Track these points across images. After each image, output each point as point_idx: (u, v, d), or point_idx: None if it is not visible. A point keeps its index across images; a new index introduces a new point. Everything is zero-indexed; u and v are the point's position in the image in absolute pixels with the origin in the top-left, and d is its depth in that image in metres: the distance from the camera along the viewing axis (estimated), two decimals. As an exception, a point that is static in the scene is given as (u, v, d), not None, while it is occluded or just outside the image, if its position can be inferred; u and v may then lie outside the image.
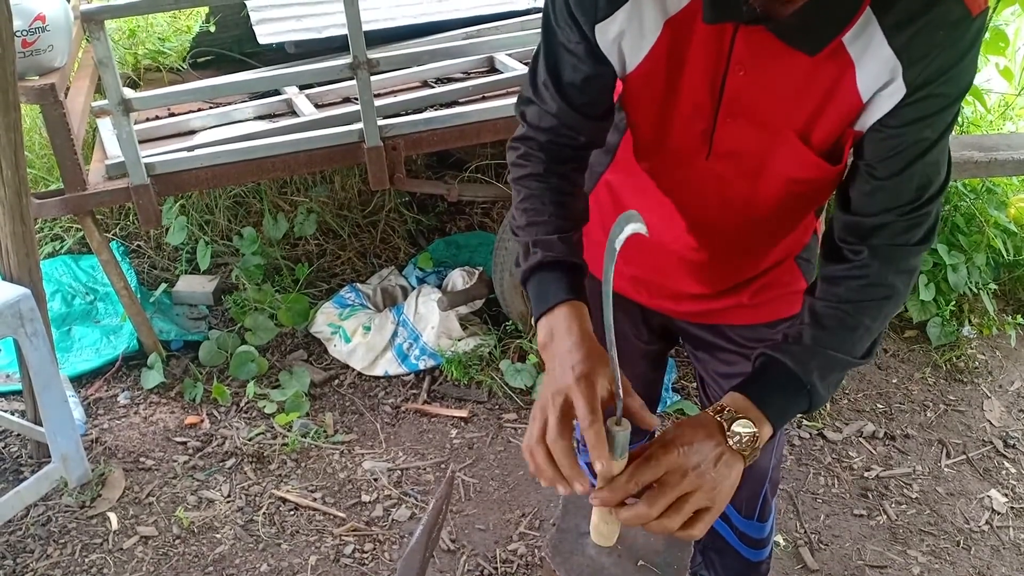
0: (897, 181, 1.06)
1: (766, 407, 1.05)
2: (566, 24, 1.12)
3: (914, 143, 1.04)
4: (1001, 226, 3.22)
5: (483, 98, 2.96)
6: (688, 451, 1.00)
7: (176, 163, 2.58)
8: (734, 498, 1.09)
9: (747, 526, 1.69)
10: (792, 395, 1.07)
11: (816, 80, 1.03)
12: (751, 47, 1.03)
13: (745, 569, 1.78)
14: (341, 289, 3.19)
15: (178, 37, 3.70)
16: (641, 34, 1.07)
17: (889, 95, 1.01)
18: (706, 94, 1.09)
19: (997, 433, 2.75)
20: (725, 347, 1.49)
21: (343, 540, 2.29)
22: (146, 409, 2.75)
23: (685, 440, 1.00)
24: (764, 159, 1.13)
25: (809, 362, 1.07)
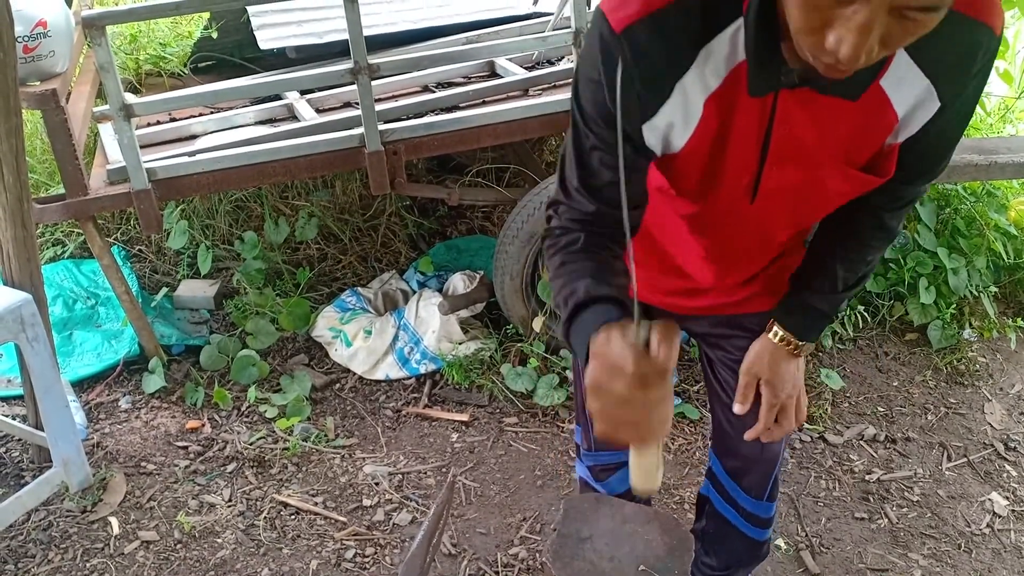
0: (917, 169, 1.20)
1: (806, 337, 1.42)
2: (600, 128, 1.11)
3: (939, 143, 1.16)
4: (1001, 229, 3.22)
5: (484, 102, 2.96)
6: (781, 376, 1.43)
7: (177, 168, 2.58)
8: (745, 482, 1.66)
9: (756, 506, 1.72)
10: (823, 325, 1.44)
11: (854, 114, 1.09)
12: (793, 104, 1.07)
13: (751, 548, 1.80)
14: (342, 293, 3.19)
15: (179, 42, 3.70)
16: (686, 119, 1.09)
17: (925, 111, 1.09)
18: (752, 152, 1.14)
19: (998, 436, 2.75)
20: (739, 335, 1.54)
21: (344, 544, 2.30)
22: (147, 414, 2.75)
23: (776, 370, 1.43)
24: (809, 190, 1.20)
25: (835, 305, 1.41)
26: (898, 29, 0.85)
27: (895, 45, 0.88)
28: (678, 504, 2.44)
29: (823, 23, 0.86)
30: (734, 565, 1.87)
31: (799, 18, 0.88)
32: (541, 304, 2.86)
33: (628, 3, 1.01)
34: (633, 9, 1.01)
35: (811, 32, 0.88)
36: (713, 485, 1.77)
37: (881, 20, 0.83)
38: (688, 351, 3.01)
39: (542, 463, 2.58)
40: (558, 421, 2.74)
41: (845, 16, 0.84)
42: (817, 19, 0.86)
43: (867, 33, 0.83)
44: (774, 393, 1.45)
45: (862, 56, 0.85)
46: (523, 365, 2.85)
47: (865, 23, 0.83)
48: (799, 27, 0.89)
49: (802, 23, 0.88)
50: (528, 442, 2.66)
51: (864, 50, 0.84)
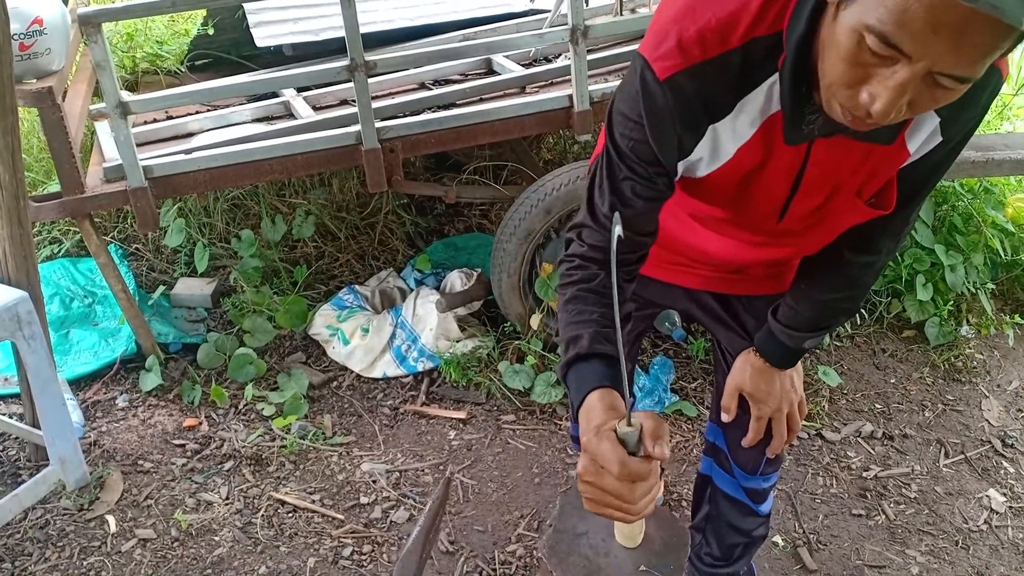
0: (901, 194, 1.23)
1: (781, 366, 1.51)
2: (633, 162, 1.17)
3: (930, 173, 1.22)
4: (999, 226, 3.22)
5: (481, 100, 2.96)
6: (764, 391, 1.51)
7: (174, 166, 2.58)
8: (741, 459, 1.70)
9: (748, 479, 1.76)
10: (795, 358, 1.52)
11: (877, 154, 1.16)
12: (825, 147, 1.14)
13: (750, 522, 1.83)
14: (339, 291, 3.19)
15: (176, 40, 3.70)
16: (713, 157, 1.18)
17: (928, 144, 1.16)
18: (783, 188, 1.22)
19: (995, 433, 2.76)
20: (742, 308, 1.63)
21: (341, 542, 2.29)
22: (144, 412, 2.75)
23: (758, 385, 1.51)
24: (826, 215, 1.28)
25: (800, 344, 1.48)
26: (927, 95, 0.90)
27: (920, 110, 0.93)
28: (676, 501, 2.44)
29: (862, 78, 0.91)
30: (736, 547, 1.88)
31: (839, 71, 0.92)
32: (539, 302, 2.85)
33: (670, 53, 1.06)
34: (676, 60, 1.06)
35: (847, 86, 0.92)
36: (715, 458, 1.80)
37: (916, 83, 0.88)
38: (686, 348, 3.01)
39: (539, 460, 2.58)
40: (556, 418, 2.74)
41: (884, 75, 0.88)
42: (857, 74, 0.91)
43: (902, 93, 0.88)
44: (758, 407, 1.54)
45: (892, 113, 0.90)
46: (520, 363, 2.85)
47: (902, 83, 0.87)
48: (836, 80, 0.94)
49: (841, 77, 0.92)
50: (526, 439, 2.66)
51: (894, 108, 0.89)
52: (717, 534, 1.89)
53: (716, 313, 1.66)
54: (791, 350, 1.48)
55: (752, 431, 1.57)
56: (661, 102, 1.09)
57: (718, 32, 1.05)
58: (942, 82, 0.87)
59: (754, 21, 1.05)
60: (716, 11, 1.06)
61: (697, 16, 1.07)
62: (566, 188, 2.68)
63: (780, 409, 1.53)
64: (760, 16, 1.05)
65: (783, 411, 1.54)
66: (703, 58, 1.06)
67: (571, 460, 2.58)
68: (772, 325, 1.48)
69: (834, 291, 1.43)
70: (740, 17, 1.05)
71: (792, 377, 1.54)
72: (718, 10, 1.06)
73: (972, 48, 0.83)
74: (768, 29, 1.05)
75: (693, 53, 1.06)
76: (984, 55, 0.85)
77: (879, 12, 0.85)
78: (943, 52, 0.84)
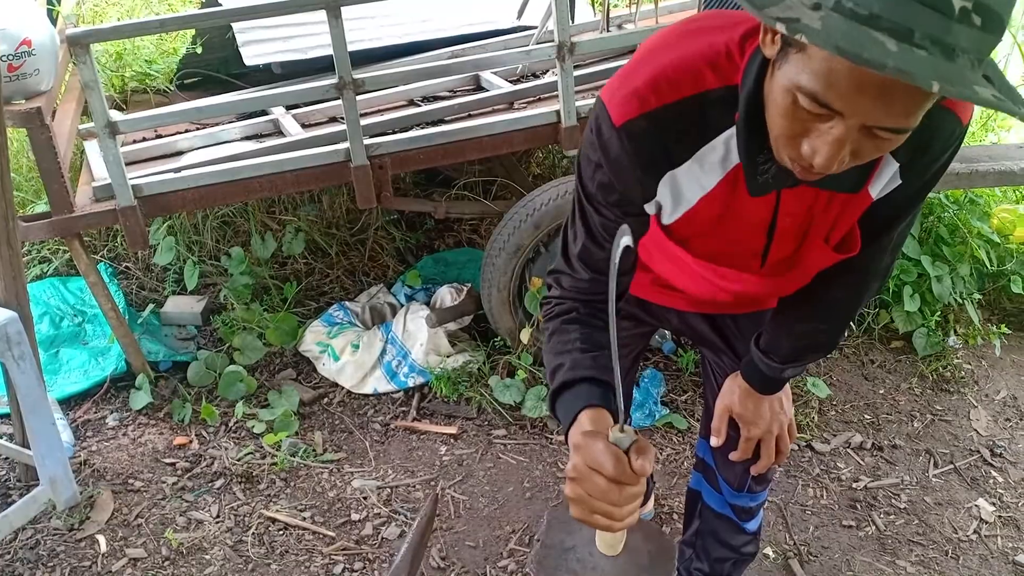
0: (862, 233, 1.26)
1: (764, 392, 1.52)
2: (602, 205, 1.19)
3: (886, 213, 1.24)
4: (984, 237, 3.25)
5: (469, 116, 2.98)
6: (752, 412, 1.52)
7: (163, 184, 2.59)
8: (728, 476, 1.73)
9: (735, 496, 1.77)
10: (778, 386, 1.53)
11: (842, 201, 1.20)
12: (794, 198, 1.18)
13: (739, 540, 1.85)
14: (329, 307, 3.19)
15: (165, 59, 3.71)
16: (675, 204, 1.19)
17: (888, 187, 1.19)
18: (759, 238, 1.27)
19: (984, 442, 2.77)
20: (731, 338, 1.66)
21: (332, 559, 2.29)
22: (134, 430, 2.74)
23: (747, 407, 1.52)
24: (797, 262, 1.34)
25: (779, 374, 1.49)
26: (869, 145, 0.92)
27: (865, 158, 0.95)
28: (667, 514, 2.45)
29: (801, 132, 0.94)
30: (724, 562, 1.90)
31: (780, 125, 0.96)
32: (528, 316, 2.86)
33: (627, 99, 1.09)
34: (632, 106, 1.09)
35: (789, 139, 0.96)
36: (703, 474, 1.82)
37: (853, 136, 0.90)
38: (676, 360, 3.03)
39: (531, 475, 2.59)
40: (546, 433, 2.75)
41: (822, 130, 0.91)
42: (796, 128, 0.94)
43: (840, 147, 0.91)
44: (748, 429, 1.55)
45: (834, 165, 0.93)
46: (511, 377, 2.85)
47: (839, 138, 0.90)
48: (779, 133, 0.97)
49: (782, 131, 0.96)
50: (517, 454, 2.67)
51: (836, 160, 0.92)
52: (706, 549, 1.90)
53: (706, 335, 1.68)
54: (771, 379, 1.50)
55: (741, 450, 1.58)
56: (618, 147, 1.11)
57: (673, 79, 1.08)
58: (879, 134, 0.89)
59: (707, 72, 1.08)
60: (673, 56, 1.09)
61: (655, 61, 1.09)
62: (555, 203, 2.70)
63: (770, 431, 1.54)
64: (714, 66, 1.07)
65: (772, 433, 1.55)
66: (657, 104, 1.08)
67: (562, 474, 2.58)
68: (753, 353, 1.49)
69: (807, 323, 1.45)
70: (695, 66, 1.08)
71: (781, 400, 1.55)
72: (675, 55, 1.09)
73: (899, 104, 0.85)
74: (720, 81, 1.07)
75: (648, 99, 1.08)
76: (913, 110, 0.87)
77: (807, 74, 0.87)
78: (872, 109, 0.86)
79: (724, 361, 1.68)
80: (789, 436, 1.59)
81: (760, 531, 1.90)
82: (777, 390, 1.53)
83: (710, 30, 1.11)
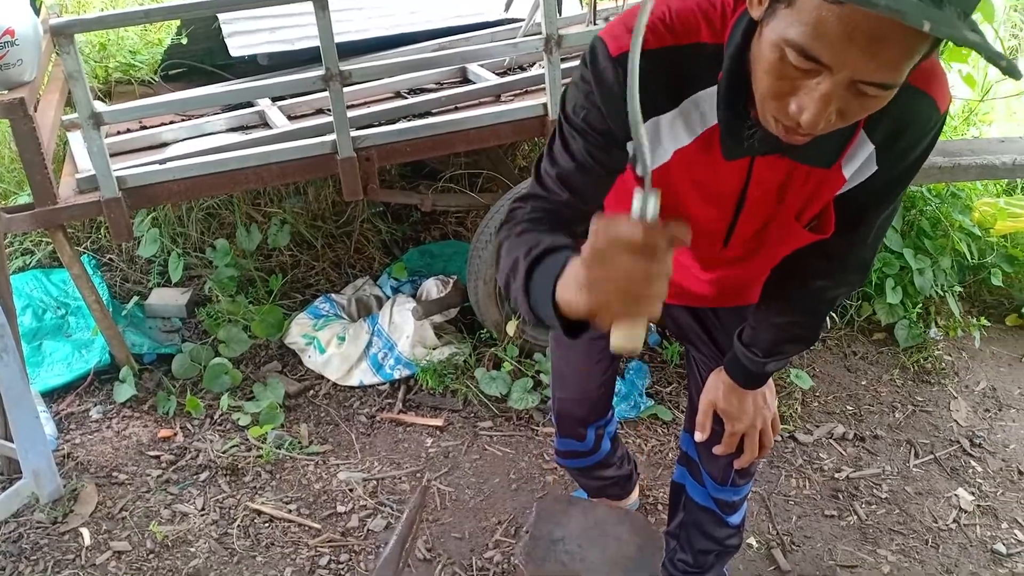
0: (839, 221, 1.27)
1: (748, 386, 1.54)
2: (586, 132, 1.16)
3: (865, 200, 1.25)
4: (965, 230, 3.28)
5: (456, 108, 2.98)
6: (736, 407, 1.53)
7: (148, 176, 2.57)
8: (712, 470, 1.73)
9: (719, 490, 1.79)
10: (761, 380, 1.54)
11: (815, 176, 1.20)
12: (766, 167, 1.17)
13: (722, 533, 1.86)
14: (315, 300, 3.19)
15: (149, 50, 3.68)
16: (652, 151, 1.17)
17: (862, 173, 1.20)
18: (728, 208, 1.26)
19: (964, 433, 2.80)
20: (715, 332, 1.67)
21: (318, 551, 2.29)
22: (119, 423, 2.73)
23: (731, 402, 1.53)
24: (765, 239, 1.33)
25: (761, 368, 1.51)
26: (855, 103, 0.93)
27: (851, 118, 0.96)
28: (652, 505, 2.47)
29: (788, 91, 0.94)
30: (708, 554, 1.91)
31: (767, 83, 0.96)
32: (515, 308, 2.87)
33: (625, 36, 1.08)
34: (628, 42, 1.02)
35: (776, 98, 0.96)
36: (687, 467, 1.83)
37: (840, 93, 0.91)
38: (661, 352, 3.04)
39: (517, 466, 2.60)
40: (532, 424, 2.76)
41: (809, 87, 0.92)
42: (783, 87, 0.94)
43: (828, 104, 0.91)
44: (732, 424, 1.57)
45: (821, 123, 0.93)
46: (497, 369, 2.86)
47: (826, 94, 0.91)
48: (765, 92, 0.97)
49: (769, 89, 0.96)
50: (503, 446, 2.68)
51: (823, 118, 0.93)
52: (690, 541, 1.91)
53: (689, 328, 1.70)
54: (754, 373, 1.51)
55: (725, 445, 1.60)
56: (612, 77, 1.10)
57: (670, 25, 1.09)
58: (866, 90, 0.90)
59: (702, 25, 1.08)
60: (675, 3, 1.10)
61: (657, 5, 1.10)
62: (540, 196, 2.70)
63: (754, 426, 1.56)
64: (709, 21, 1.08)
65: (756, 428, 1.57)
66: (655, 45, 1.08)
67: (548, 465, 2.59)
68: (736, 347, 1.51)
69: (787, 315, 1.46)
70: (693, 17, 1.09)
71: (765, 394, 1.57)
72: (677, 3, 1.10)
73: (888, 54, 0.87)
74: (712, 38, 1.08)
75: (647, 39, 1.05)
76: (901, 60, 0.88)
77: (796, 27, 0.88)
78: (861, 61, 0.87)
79: (708, 356, 1.69)
80: (772, 430, 1.61)
81: (744, 524, 1.92)
82: (761, 384, 1.55)
83: None
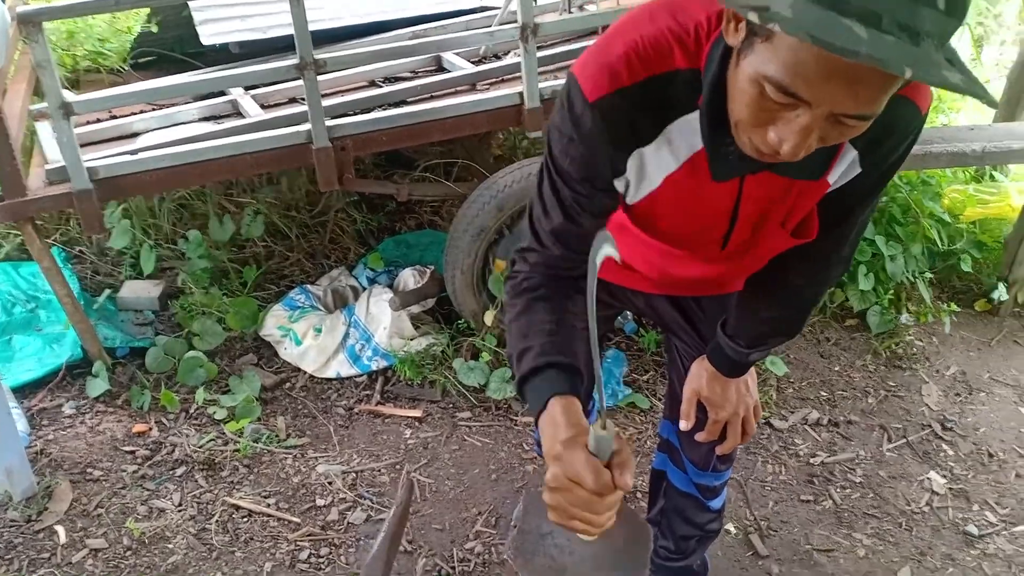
0: (822, 222, 1.28)
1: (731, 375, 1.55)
2: (573, 181, 1.17)
3: (847, 200, 1.25)
4: (936, 216, 3.32)
5: (431, 97, 2.96)
6: (719, 395, 1.56)
7: (119, 167, 2.53)
8: (693, 456, 1.77)
9: (700, 476, 1.81)
10: (743, 369, 1.55)
11: (801, 186, 1.20)
12: (756, 184, 1.17)
13: (704, 518, 1.89)
14: (291, 291, 3.16)
15: (118, 38, 3.62)
16: (639, 182, 1.20)
17: (847, 175, 1.20)
18: (722, 224, 1.27)
19: (935, 417, 2.85)
20: (697, 321, 1.67)
21: (298, 545, 2.28)
22: (92, 418, 2.69)
23: (714, 390, 1.56)
24: (751, 245, 1.34)
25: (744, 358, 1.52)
26: (835, 132, 0.93)
27: (831, 143, 0.96)
28: (631, 493, 2.48)
29: (767, 121, 0.93)
30: (689, 540, 1.93)
31: (745, 114, 0.95)
32: (492, 298, 2.87)
33: (601, 76, 1.08)
34: (605, 83, 1.07)
35: (754, 128, 0.95)
36: (668, 454, 1.85)
37: (820, 124, 0.90)
38: (638, 340, 3.06)
39: (496, 457, 2.60)
40: (511, 414, 2.76)
41: (788, 118, 0.91)
42: (762, 117, 0.93)
43: (807, 135, 0.91)
44: (715, 412, 1.59)
45: (801, 152, 0.93)
46: (475, 359, 2.86)
47: (806, 127, 0.90)
48: (744, 122, 0.96)
49: (747, 120, 0.95)
50: (482, 436, 2.68)
51: (803, 148, 0.92)
52: (671, 528, 1.93)
53: (671, 318, 1.70)
54: (738, 362, 1.52)
55: (708, 432, 1.61)
56: (590, 123, 1.10)
57: (644, 56, 1.07)
58: (845, 121, 0.90)
59: (676, 50, 1.07)
60: (645, 32, 1.08)
61: (628, 35, 1.08)
62: (518, 184, 2.70)
63: (736, 413, 1.58)
64: (683, 46, 1.07)
65: (739, 415, 1.58)
66: (630, 82, 1.07)
67: (527, 455, 2.60)
68: (720, 338, 1.52)
69: (771, 311, 1.48)
70: (665, 43, 1.07)
71: (747, 382, 1.58)
72: (648, 31, 1.08)
73: (866, 91, 0.86)
74: (687, 62, 1.07)
75: (621, 75, 1.07)
76: (879, 95, 0.87)
77: (774, 64, 0.87)
78: (839, 97, 0.86)
79: (690, 345, 1.69)
80: (755, 417, 1.62)
81: (724, 509, 1.94)
82: (743, 373, 1.56)
83: (684, 7, 1.09)
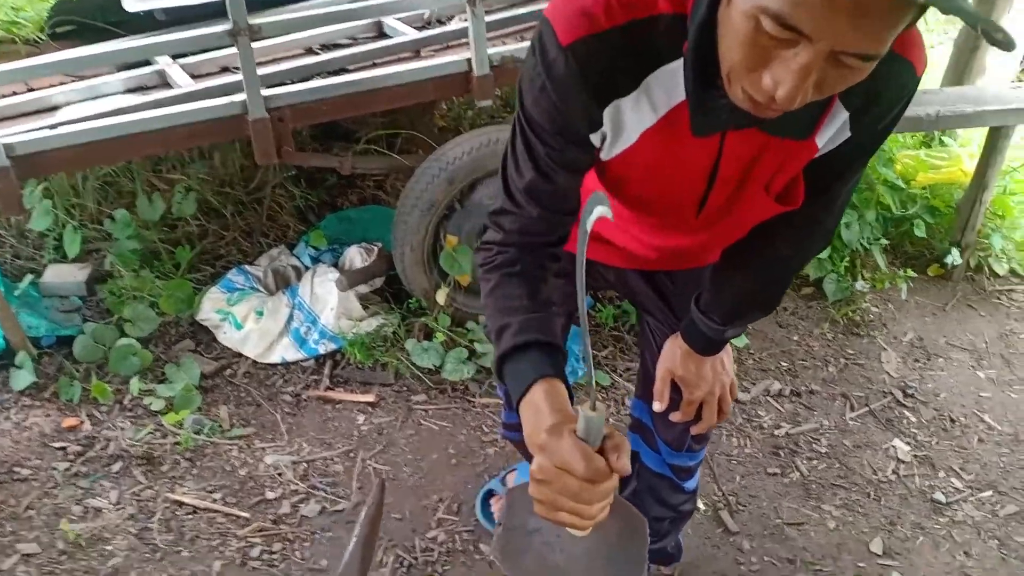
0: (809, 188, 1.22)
1: (705, 353, 1.48)
2: (547, 134, 1.08)
3: (836, 164, 1.18)
4: (889, 183, 3.31)
5: (373, 65, 2.80)
6: (694, 374, 1.49)
7: (38, 143, 2.32)
8: (667, 437, 1.70)
9: (674, 456, 1.75)
10: (718, 347, 1.48)
11: (788, 147, 1.13)
12: (738, 140, 1.10)
13: (678, 498, 1.84)
14: (228, 272, 2.99)
15: (34, 6, 3.38)
16: (615, 137, 1.11)
17: (837, 139, 1.13)
18: (700, 182, 1.19)
19: (895, 384, 2.83)
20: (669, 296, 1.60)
21: (249, 542, 2.15)
22: (18, 413, 2.51)
23: (688, 368, 1.49)
24: (733, 209, 1.27)
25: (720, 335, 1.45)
26: (834, 75, 0.85)
27: (828, 91, 0.88)
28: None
29: (762, 62, 0.85)
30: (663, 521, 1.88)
31: (739, 56, 0.87)
32: (444, 275, 2.75)
33: (576, 18, 0.99)
34: (580, 26, 0.98)
35: (748, 71, 0.87)
36: (641, 435, 1.78)
37: (819, 64, 0.82)
38: (595, 316, 2.97)
39: (455, 440, 2.49)
40: (468, 396, 2.66)
41: (785, 58, 0.83)
42: (757, 58, 0.85)
43: (806, 76, 0.83)
44: (690, 391, 1.52)
45: (798, 97, 0.85)
46: (429, 340, 2.74)
47: (805, 66, 0.82)
48: (736, 65, 0.88)
49: (741, 62, 0.87)
50: (439, 419, 2.57)
51: (800, 92, 0.84)
52: (645, 510, 1.86)
53: (643, 293, 1.62)
54: (713, 340, 1.45)
55: (683, 412, 1.55)
56: (563, 68, 1.01)
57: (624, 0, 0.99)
58: (847, 61, 0.83)
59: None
60: None
61: None
62: (469, 156, 2.58)
63: (712, 392, 1.51)
64: None
65: (715, 394, 1.52)
66: (609, 25, 0.98)
67: (487, 438, 2.50)
68: (694, 314, 1.45)
69: (749, 282, 1.40)
70: None
71: (723, 360, 1.51)
72: None
73: (872, 23, 0.79)
74: (672, 6, 0.98)
75: (599, 18, 0.98)
76: (885, 29, 0.80)
77: None
78: (843, 30, 0.79)
79: (663, 321, 1.62)
80: (731, 396, 1.55)
81: (697, 488, 1.88)
82: (718, 351, 1.49)
83: None
